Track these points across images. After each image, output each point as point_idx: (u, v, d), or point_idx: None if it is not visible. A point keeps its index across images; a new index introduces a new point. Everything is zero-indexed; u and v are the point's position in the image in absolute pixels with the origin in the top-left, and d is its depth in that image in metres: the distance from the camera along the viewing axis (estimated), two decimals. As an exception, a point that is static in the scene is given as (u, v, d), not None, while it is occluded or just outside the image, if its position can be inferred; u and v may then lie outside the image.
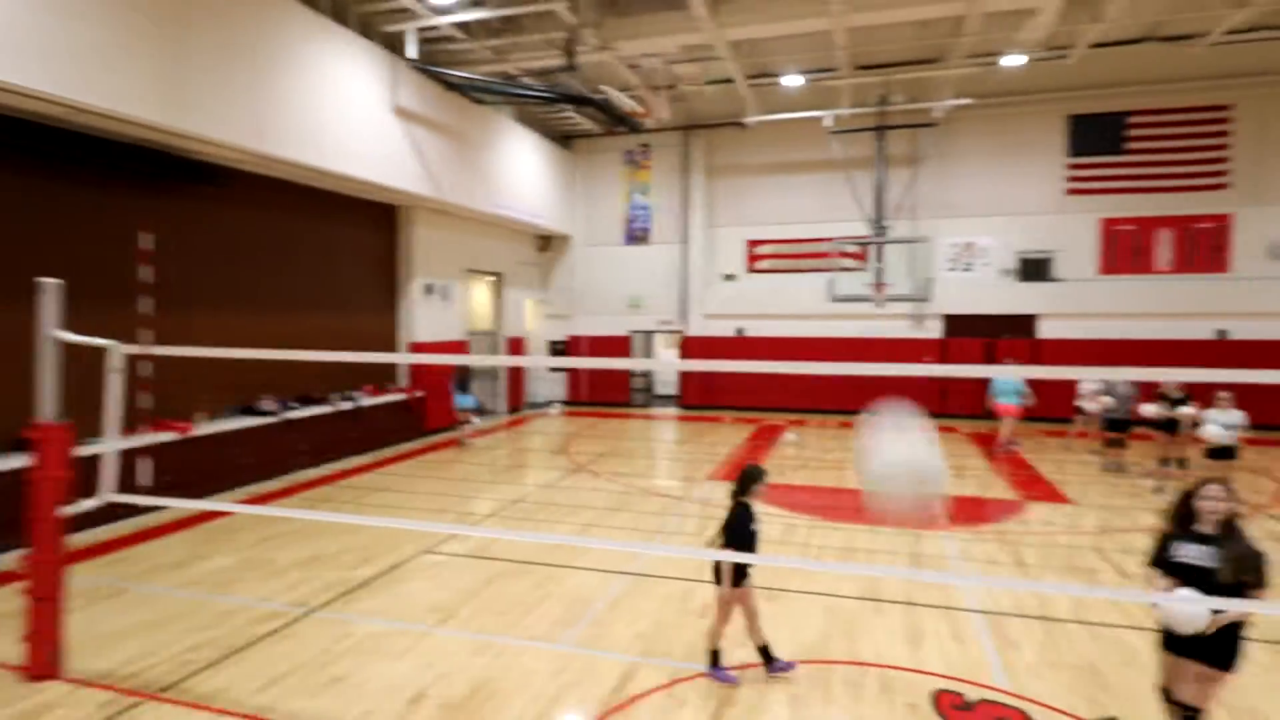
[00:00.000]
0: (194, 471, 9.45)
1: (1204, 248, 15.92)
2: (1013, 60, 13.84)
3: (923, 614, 6.13)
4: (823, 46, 13.81)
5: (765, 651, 5.08)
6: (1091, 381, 12.40)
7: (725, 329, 18.52)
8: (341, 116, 10.81)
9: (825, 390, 17.47)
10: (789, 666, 5.08)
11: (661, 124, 18.11)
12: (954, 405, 16.91)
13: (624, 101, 11.81)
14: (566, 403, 19.53)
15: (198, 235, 10.23)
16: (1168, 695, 3.85)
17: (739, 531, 4.91)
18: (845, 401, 17.29)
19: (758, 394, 17.87)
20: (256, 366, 10.92)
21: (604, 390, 19.38)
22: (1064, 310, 16.38)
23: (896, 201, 16.92)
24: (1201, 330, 15.60)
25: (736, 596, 4.96)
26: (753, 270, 18.53)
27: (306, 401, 11.80)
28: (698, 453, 13.61)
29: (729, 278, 18.64)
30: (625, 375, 19.55)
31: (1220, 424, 8.78)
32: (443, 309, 15.10)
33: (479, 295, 17.24)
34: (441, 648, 5.50)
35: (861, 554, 7.62)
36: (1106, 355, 15.68)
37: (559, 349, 19.75)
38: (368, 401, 12.90)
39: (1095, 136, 16.35)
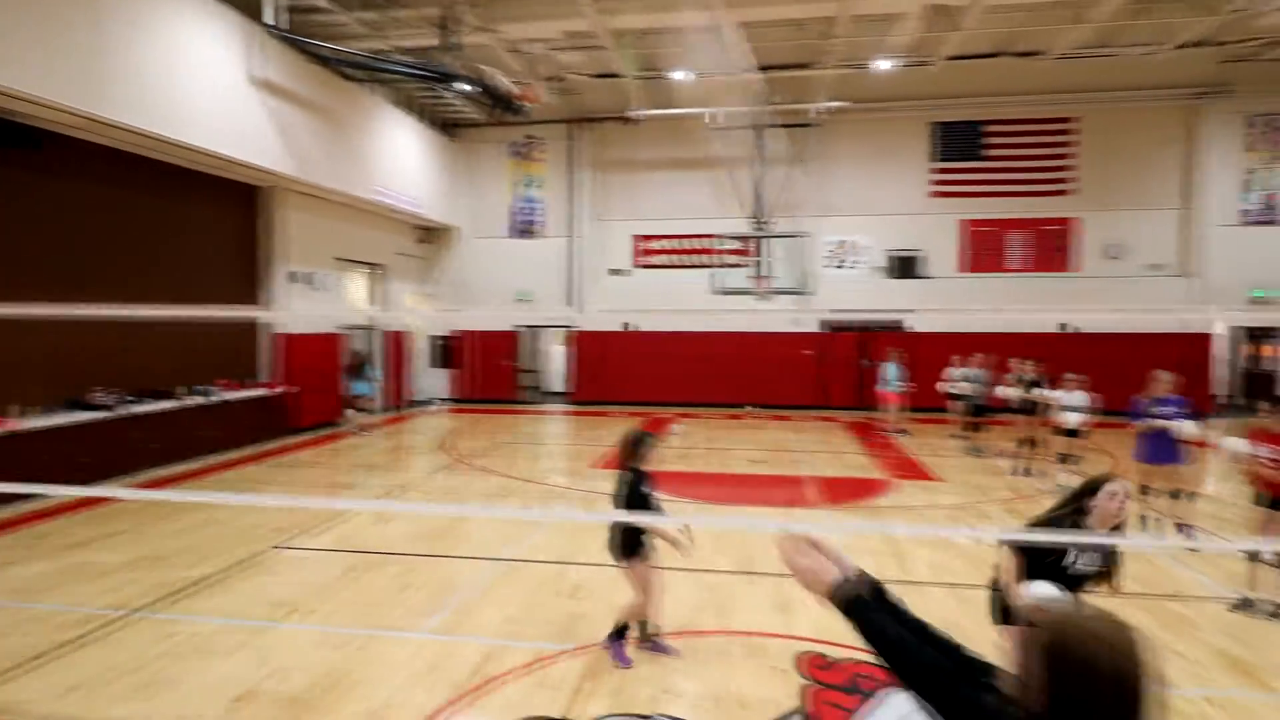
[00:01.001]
0: (8, 473, 8.34)
1: (1051, 249, 17.27)
2: (882, 65, 14.54)
3: (793, 584, 6.15)
4: (708, 43, 13.99)
5: (652, 630, 4.95)
6: (953, 370, 13.12)
7: (614, 323, 18.45)
8: (192, 83, 9.93)
9: (714, 384, 17.72)
10: (673, 650, 4.90)
11: (549, 115, 17.91)
12: (835, 398, 17.55)
13: (504, 82, 11.51)
14: (451, 400, 18.87)
15: (17, 206, 9.09)
16: None
17: (632, 498, 4.73)
18: (733, 395, 17.63)
19: (647, 388, 17.89)
20: (90, 356, 9.87)
21: (490, 387, 18.86)
22: (931, 305, 17.33)
23: (778, 199, 17.38)
24: (1049, 324, 16.89)
25: (648, 568, 4.76)
26: (641, 265, 18.56)
27: (151, 395, 10.74)
28: (583, 445, 13.42)
29: (618, 272, 18.59)
30: (512, 371, 19.10)
31: (1071, 405, 9.43)
32: (313, 299, 14.20)
33: (356, 287, 16.36)
34: (282, 643, 5.03)
35: (739, 535, 7.63)
36: (969, 347, 16.64)
37: (443, 344, 19.06)
38: (225, 396, 11.90)
39: (956, 143, 17.43)
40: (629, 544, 4.73)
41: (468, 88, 11.32)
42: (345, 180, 13.56)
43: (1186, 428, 6.90)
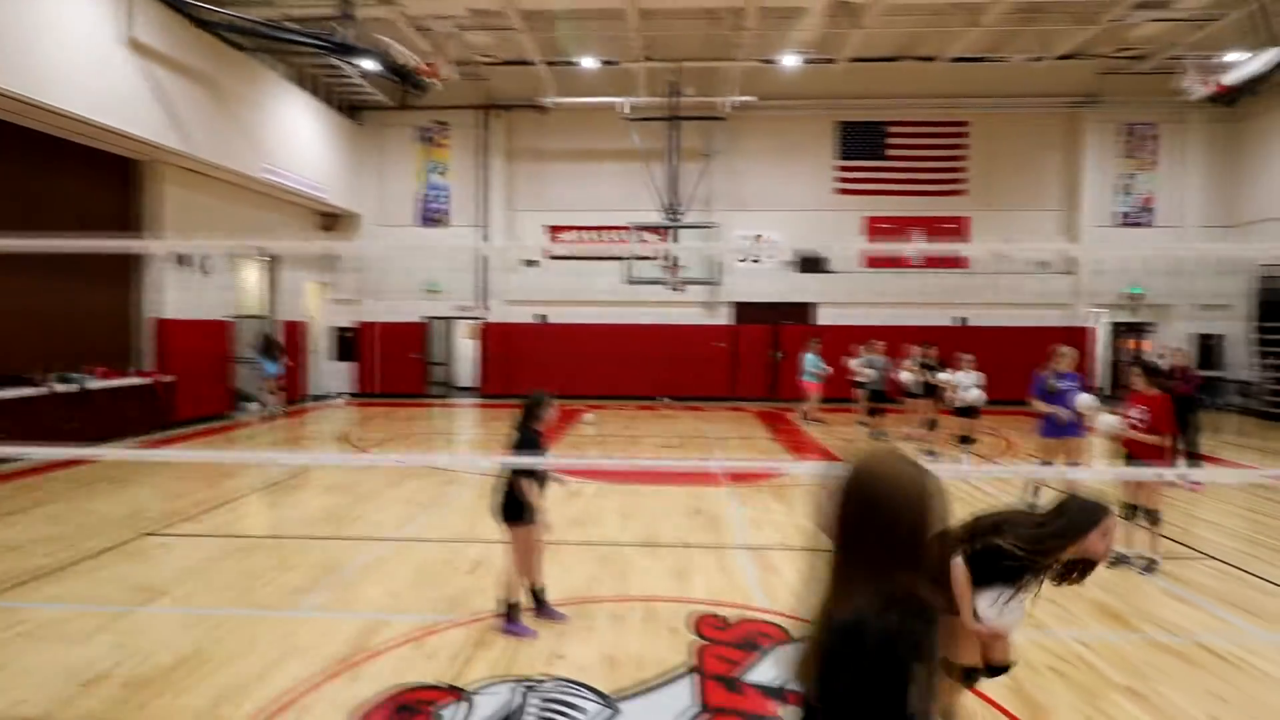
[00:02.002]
0: None
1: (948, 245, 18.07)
2: (789, 61, 14.86)
3: (694, 554, 6.14)
4: (617, 30, 13.97)
5: (539, 596, 4.79)
6: (856, 358, 13.49)
7: (527, 315, 18.14)
8: (57, 42, 9.10)
9: (628, 376, 17.65)
10: (562, 617, 4.76)
11: (459, 101, 17.47)
12: (743, 390, 17.80)
13: (406, 55, 11.08)
14: (355, 394, 18.10)
15: None
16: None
17: (529, 457, 4.58)
18: (647, 387, 17.61)
19: (559, 381, 17.54)
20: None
21: (397, 381, 18.19)
22: (836, 299, 17.83)
23: (691, 193, 17.52)
24: (945, 318, 17.66)
25: (531, 534, 4.60)
26: (555, 256, 18.33)
27: (10, 381, 9.76)
28: (489, 436, 13.08)
29: (530, 263, 18.29)
30: (420, 365, 18.49)
31: (966, 384, 9.77)
32: (200, 284, 13.30)
33: (249, 274, 15.46)
34: (143, 627, 4.60)
35: (645, 512, 7.55)
36: (871, 338, 17.22)
37: (346, 336, 18.27)
38: (97, 385, 10.97)
39: (860, 142, 18.01)
40: (513, 508, 4.57)
41: (367, 63, 10.85)
42: (233, 157, 12.76)
43: (1085, 400, 7.14)
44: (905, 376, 11.98)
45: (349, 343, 18.24)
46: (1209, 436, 10.47)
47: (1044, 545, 2.72)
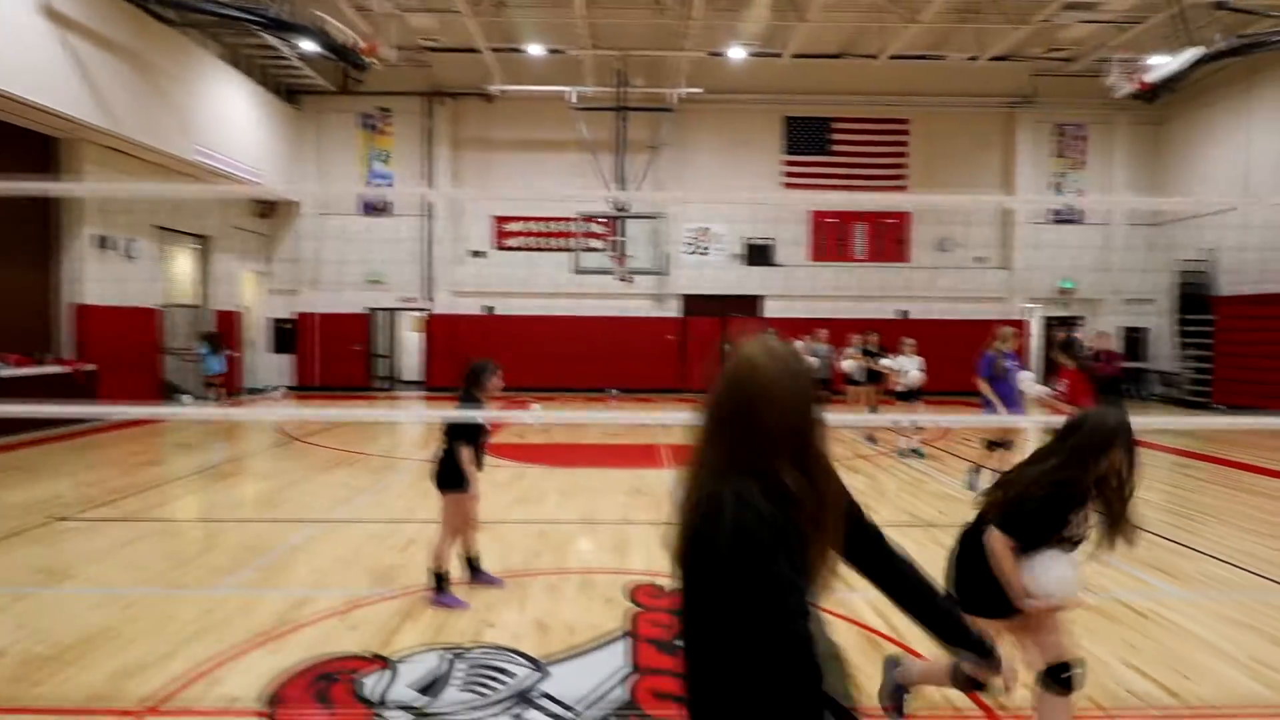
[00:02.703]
0: None
1: (890, 241, 18.47)
2: (735, 53, 14.99)
3: (634, 530, 6.10)
4: (564, 17, 13.89)
5: (474, 563, 4.69)
6: (800, 345, 13.66)
7: (473, 307, 17.88)
8: (-40, 3, 8.59)
9: (576, 368, 17.54)
10: (498, 581, 4.71)
11: (404, 87, 17.14)
12: (692, 381, 17.87)
13: (344, 33, 10.79)
14: (294, 387, 17.57)
15: None
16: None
17: (467, 426, 4.48)
18: (596, 379, 17.53)
19: (508, 373, 17.38)
20: None
21: (338, 374, 17.72)
22: (783, 292, 18.04)
23: (638, 184, 17.51)
24: (888, 310, 18.04)
25: (466, 501, 4.51)
26: (502, 247, 18.11)
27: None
28: (433, 427, 12.83)
29: (477, 254, 18.04)
30: (363, 358, 18.06)
31: (910, 368, 9.96)
32: (126, 270, 12.72)
33: (180, 260, 14.86)
34: (47, 608, 4.35)
35: (585, 491, 7.48)
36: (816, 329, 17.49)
37: (285, 327, 17.73)
38: (8, 373, 10.38)
39: (806, 137, 18.28)
40: (449, 474, 4.47)
41: (304, 42, 10.52)
42: (161, 137, 12.23)
43: (1025, 377, 7.33)
44: (847, 364, 12.16)
45: (288, 334, 17.70)
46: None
47: (1062, 474, 2.48)
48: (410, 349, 19.36)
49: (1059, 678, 2.50)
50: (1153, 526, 6.36)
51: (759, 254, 18.24)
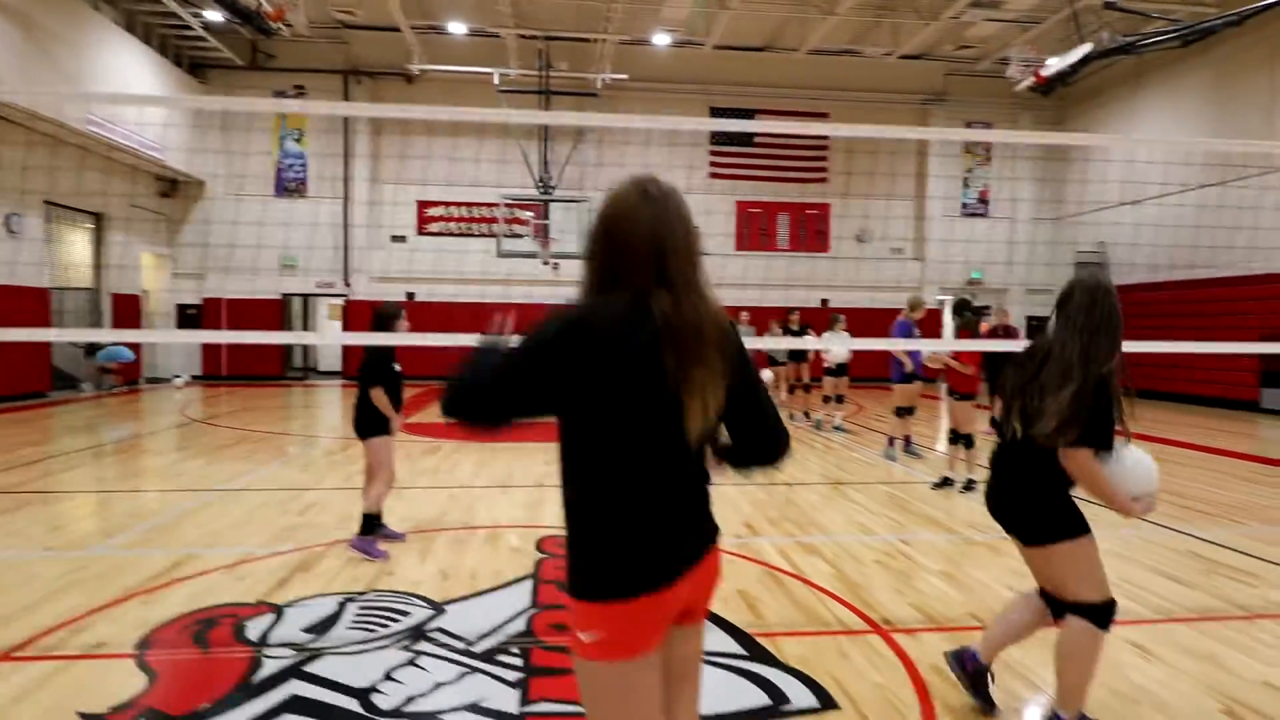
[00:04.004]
0: None
1: (811, 231, 18.92)
2: (660, 39, 15.07)
3: (548, 491, 6.05)
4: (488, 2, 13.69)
5: (377, 515, 4.54)
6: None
7: (395, 293, 17.37)
8: None
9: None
10: (399, 536, 4.59)
11: (321, 65, 16.55)
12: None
13: (249, -4, 10.32)
14: (200, 376, 16.72)
15: None
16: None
17: (380, 369, 4.37)
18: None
19: (431, 363, 17.00)
20: None
21: (250, 362, 16.95)
22: (713, 281, 18.19)
23: (563, 169, 17.40)
24: (812, 299, 18.47)
25: (388, 445, 4.39)
26: (424, 232, 17.70)
27: None
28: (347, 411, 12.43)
29: (398, 239, 17.57)
30: (277, 346, 17.33)
31: (839, 345, 10.14)
32: (7, 247, 11.83)
33: (73, 239, 13.92)
34: (-109, 570, 3.98)
35: (502, 462, 7.37)
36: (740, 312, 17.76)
37: (191, 313, 16.86)
38: None
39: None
40: (370, 421, 4.35)
41: (207, 11, 9.98)
42: (49, 104, 11.43)
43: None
44: (774, 345, 12.40)
45: (193, 320, 16.82)
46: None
47: (1086, 349, 2.28)
48: (329, 336, 18.68)
49: (1107, 614, 2.35)
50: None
51: (685, 243, 18.36)
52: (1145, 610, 3.64)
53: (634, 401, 1.36)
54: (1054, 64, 12.38)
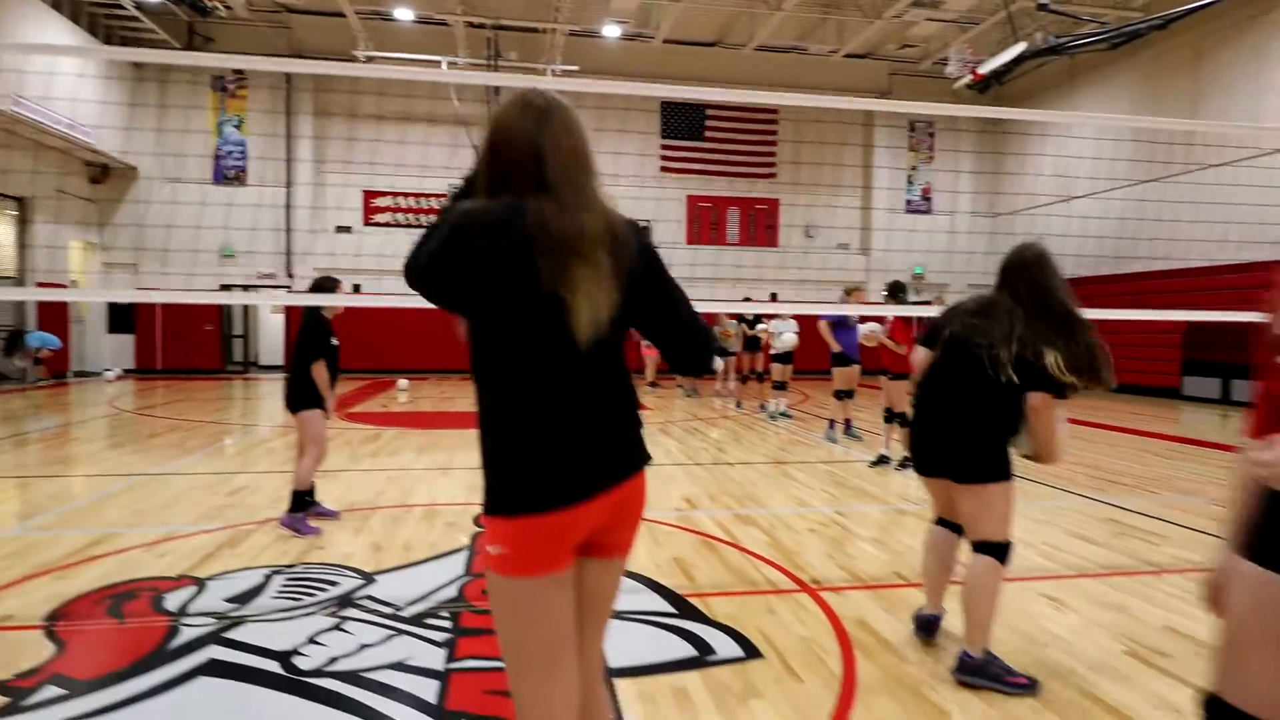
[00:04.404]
0: None
1: (761, 226, 19.16)
2: (610, 31, 15.08)
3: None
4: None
5: (308, 495, 4.43)
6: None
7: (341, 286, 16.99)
8: None
9: (446, 349, 17.06)
10: (333, 514, 4.51)
11: (263, 49, 16.07)
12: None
13: (183, -28, 9.96)
14: (133, 370, 16.11)
15: None
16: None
17: (318, 341, 4.27)
18: (466, 361, 17.10)
19: (377, 356, 16.75)
20: None
21: (187, 355, 16.40)
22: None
23: (515, 162, 17.27)
24: (762, 293, 18.70)
25: (321, 420, 4.30)
26: (371, 223, 17.36)
27: None
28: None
29: (344, 230, 17.20)
30: (216, 338, 16.80)
31: (787, 331, 10.27)
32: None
33: (-8, 225, 13.26)
34: None
35: (445, 448, 7.29)
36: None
37: (124, 305, 16.22)
38: None
39: (682, 123, 18.66)
40: (304, 394, 4.26)
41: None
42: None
43: (866, 328, 7.72)
44: (715, 334, 12.52)
45: (126, 312, 16.20)
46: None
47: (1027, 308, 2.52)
48: (271, 330, 18.19)
49: (1009, 551, 2.56)
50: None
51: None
52: (1060, 567, 3.80)
53: (512, 304, 1.36)
54: (990, 62, 12.79)
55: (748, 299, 12.49)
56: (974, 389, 2.51)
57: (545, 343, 1.37)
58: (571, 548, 1.39)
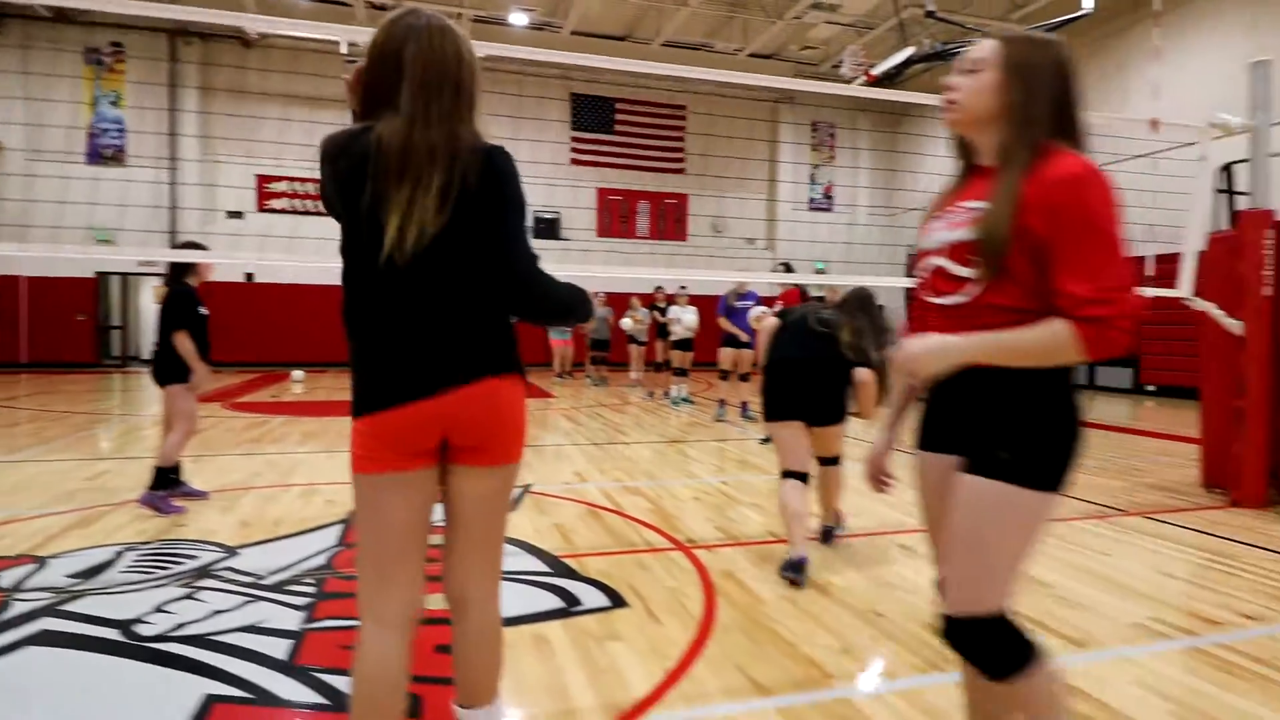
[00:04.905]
0: None
1: (670, 220, 19.41)
2: (516, 19, 14.94)
3: (379, 455, 5.85)
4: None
5: (173, 473, 4.19)
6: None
7: (232, 273, 16.16)
8: None
9: (341, 345, 16.48)
10: (201, 494, 4.29)
11: (142, 21, 15.08)
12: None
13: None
14: (-5, 363, 14.82)
15: None
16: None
17: (184, 310, 4.09)
18: (371, 352, 16.57)
19: (271, 349, 16.02)
20: None
21: (55, 348, 15.18)
22: (569, 266, 18.27)
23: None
24: (672, 287, 18.90)
25: (190, 394, 4.12)
26: (265, 209, 16.56)
27: None
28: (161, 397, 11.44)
29: (235, 215, 16.34)
30: (90, 329, 15.64)
31: (684, 317, 10.43)
32: None
33: None
34: None
35: (334, 434, 7.05)
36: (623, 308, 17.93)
37: (-19, 292, 14.88)
38: None
39: (592, 115, 18.67)
40: (170, 367, 4.05)
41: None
42: None
43: (756, 311, 7.97)
44: (625, 324, 12.62)
45: (-14, 299, 14.87)
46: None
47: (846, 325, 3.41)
48: (153, 321, 17.07)
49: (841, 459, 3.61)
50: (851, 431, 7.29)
51: (546, 227, 18.34)
52: (916, 522, 4.02)
53: (346, 222, 1.45)
54: (881, 64, 13.40)
55: (659, 289, 12.62)
56: (830, 359, 3.35)
57: (366, 259, 1.42)
58: (411, 450, 1.46)
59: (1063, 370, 1.31)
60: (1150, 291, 4.38)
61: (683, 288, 18.08)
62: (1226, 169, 4.79)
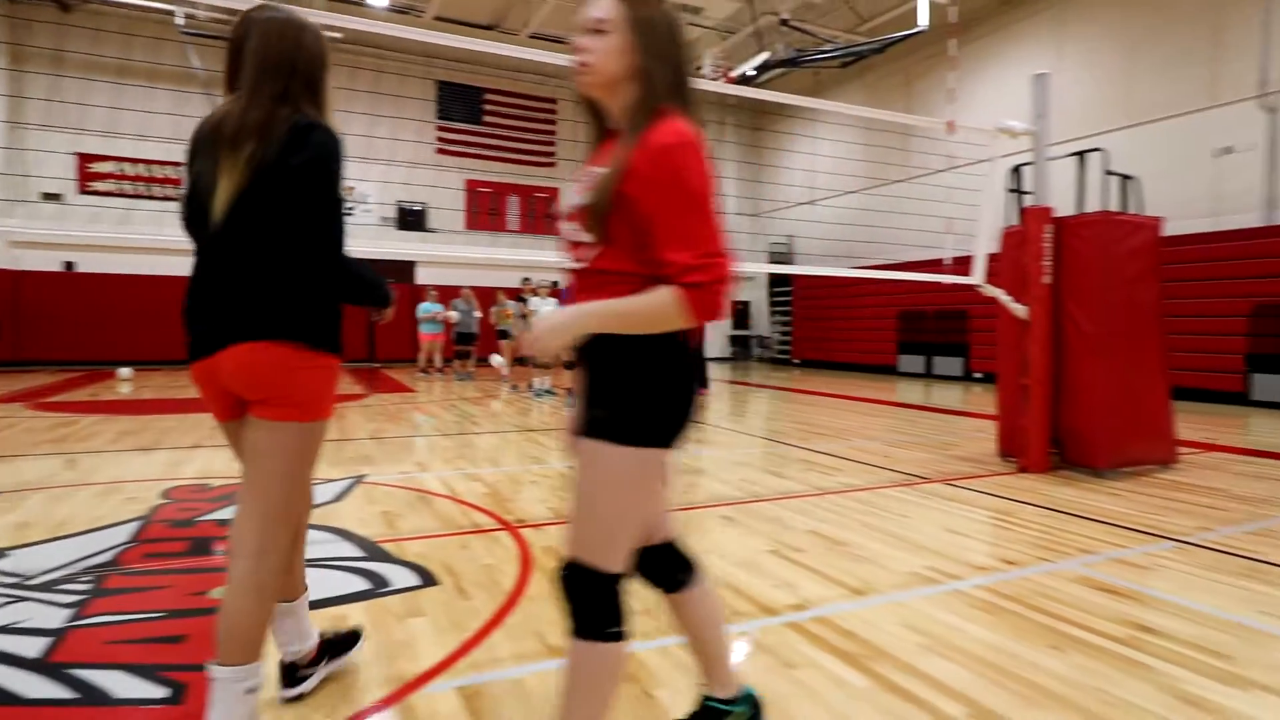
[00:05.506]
0: None
1: (541, 214, 19.29)
2: (377, 0, 14.33)
3: (198, 452, 5.46)
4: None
5: None
6: (449, 308, 13.61)
7: (48, 262, 14.56)
8: None
9: (178, 336, 15.24)
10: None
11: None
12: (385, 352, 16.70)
13: None
14: None
15: None
16: None
17: None
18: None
19: (95, 346, 14.56)
20: None
21: None
22: (437, 259, 17.76)
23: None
24: (545, 282, 18.79)
25: None
26: (88, 191, 15.00)
27: None
28: (-26, 393, 10.19)
29: (51, 197, 14.70)
30: None
31: (546, 309, 10.42)
32: None
33: None
34: None
35: (155, 431, 6.51)
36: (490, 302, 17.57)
37: None
38: None
39: (459, 105, 18.22)
40: None
41: None
42: None
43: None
44: (494, 319, 12.46)
45: None
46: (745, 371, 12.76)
47: None
48: (-50, 315, 15.08)
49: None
50: (714, 420, 7.55)
51: (412, 218, 17.74)
52: (743, 495, 4.24)
53: (187, 186, 1.69)
54: (739, 68, 13.93)
55: (526, 279, 12.53)
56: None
57: (190, 222, 1.68)
58: (217, 401, 1.71)
59: (667, 336, 1.32)
60: (947, 279, 4.82)
61: (555, 282, 18.12)
62: (1017, 170, 5.29)
